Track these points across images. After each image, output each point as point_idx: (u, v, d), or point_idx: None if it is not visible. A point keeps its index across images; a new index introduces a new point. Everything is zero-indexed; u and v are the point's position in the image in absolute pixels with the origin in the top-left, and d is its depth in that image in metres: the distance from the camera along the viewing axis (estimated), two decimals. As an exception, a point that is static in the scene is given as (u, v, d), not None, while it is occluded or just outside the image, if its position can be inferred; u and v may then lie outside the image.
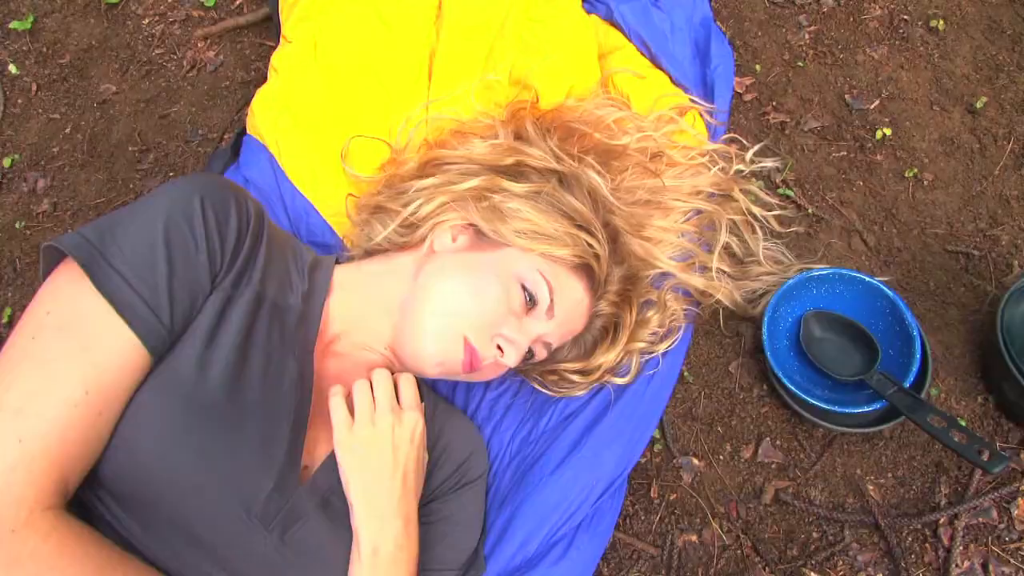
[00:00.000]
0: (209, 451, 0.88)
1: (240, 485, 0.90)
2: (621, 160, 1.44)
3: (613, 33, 1.66)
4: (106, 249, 0.84)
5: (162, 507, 0.86)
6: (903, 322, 1.33)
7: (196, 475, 0.87)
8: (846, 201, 1.56)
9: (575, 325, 1.20)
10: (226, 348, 0.92)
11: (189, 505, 0.87)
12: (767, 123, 1.66)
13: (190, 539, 0.88)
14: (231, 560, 0.91)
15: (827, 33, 1.77)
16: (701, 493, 1.33)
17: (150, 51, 1.93)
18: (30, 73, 1.93)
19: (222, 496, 0.89)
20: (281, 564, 0.93)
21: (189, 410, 0.87)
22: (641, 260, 1.37)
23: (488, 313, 1.07)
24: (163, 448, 0.85)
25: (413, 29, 1.61)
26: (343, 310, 1.13)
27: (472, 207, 1.17)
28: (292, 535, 0.94)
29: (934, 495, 1.29)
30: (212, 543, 0.89)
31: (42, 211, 1.74)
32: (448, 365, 1.08)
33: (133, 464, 0.84)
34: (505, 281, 1.10)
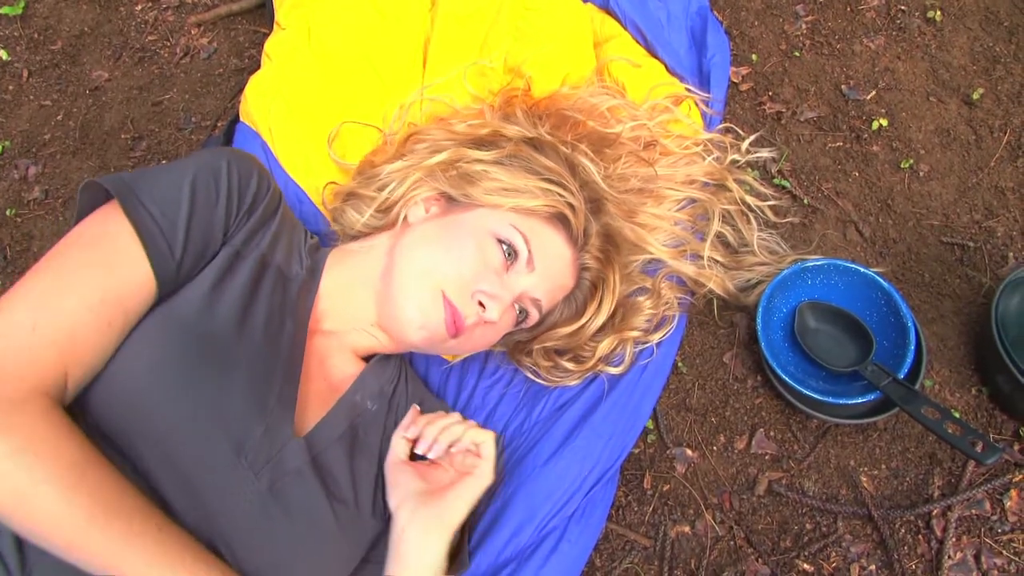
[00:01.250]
0: (201, 383, 0.91)
1: (230, 423, 0.92)
2: (614, 148, 1.43)
3: (609, 21, 1.65)
4: (138, 188, 0.92)
5: (149, 444, 0.88)
6: (898, 313, 1.33)
7: (186, 405, 0.90)
8: (842, 192, 1.56)
9: (562, 280, 1.19)
10: (230, 295, 0.99)
11: (177, 438, 0.89)
12: (763, 113, 1.65)
13: (176, 482, 0.89)
14: (214, 509, 0.90)
15: (824, 23, 1.76)
16: (694, 484, 1.33)
17: (143, 38, 1.92)
18: (21, 59, 1.91)
19: (211, 431, 0.91)
20: (264, 520, 0.93)
21: (185, 343, 0.92)
22: (633, 245, 1.37)
23: (465, 270, 1.07)
24: (155, 376, 0.89)
25: (407, 16, 1.61)
26: (331, 289, 1.15)
27: (441, 177, 1.19)
28: (282, 487, 0.95)
29: (927, 487, 1.29)
30: (198, 486, 0.90)
31: (33, 198, 1.73)
32: (431, 328, 1.06)
33: (124, 391, 0.88)
34: (479, 238, 1.10)
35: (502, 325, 1.14)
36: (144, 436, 0.88)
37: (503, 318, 1.12)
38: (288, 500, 0.95)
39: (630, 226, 1.36)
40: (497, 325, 1.13)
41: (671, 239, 1.43)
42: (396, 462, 1.08)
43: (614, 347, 1.30)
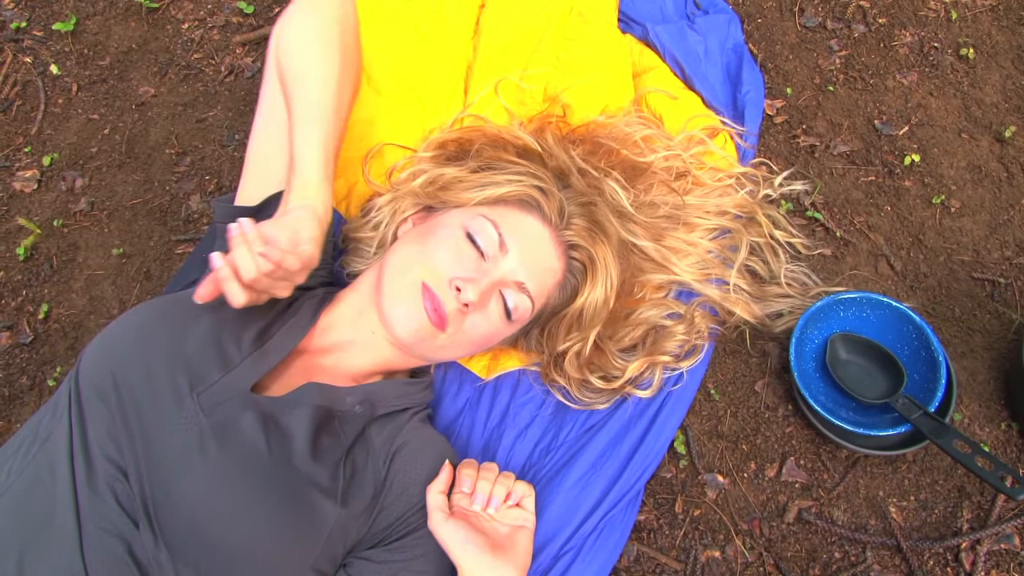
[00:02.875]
0: (166, 324, 1.07)
1: (189, 362, 1.03)
2: (646, 177, 1.46)
3: (648, 53, 1.69)
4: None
5: (114, 381, 1.00)
6: (929, 347, 1.35)
7: (151, 342, 1.04)
8: (874, 225, 1.58)
9: (545, 260, 1.21)
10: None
11: (135, 367, 1.01)
12: (797, 146, 1.68)
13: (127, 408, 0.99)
14: (153, 434, 0.98)
15: (857, 58, 1.79)
16: (725, 510, 1.35)
17: (189, 55, 1.97)
18: (71, 74, 1.96)
19: (169, 363, 1.02)
20: (198, 453, 0.98)
21: (162, 302, 1.12)
22: (657, 264, 1.39)
23: (440, 262, 1.13)
24: (130, 324, 1.07)
25: (450, 43, 1.65)
26: (340, 303, 1.23)
27: (422, 193, 1.28)
28: (225, 428, 1.00)
29: (956, 520, 1.31)
30: (144, 411, 0.99)
31: (79, 210, 1.77)
32: (419, 322, 1.11)
33: (105, 340, 1.05)
34: (452, 232, 1.16)
35: (493, 315, 1.17)
36: (111, 373, 1.00)
37: (491, 307, 1.16)
38: (227, 440, 0.99)
39: (655, 246, 1.39)
40: (487, 312, 1.16)
41: (698, 264, 1.45)
42: (444, 517, 1.11)
43: (643, 369, 1.33)
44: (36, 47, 2.00)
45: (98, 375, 1.01)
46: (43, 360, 1.61)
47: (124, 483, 0.96)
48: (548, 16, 1.62)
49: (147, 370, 1.01)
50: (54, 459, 0.98)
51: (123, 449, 0.97)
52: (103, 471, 0.96)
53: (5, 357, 1.62)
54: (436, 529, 1.10)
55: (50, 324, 1.65)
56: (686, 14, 1.76)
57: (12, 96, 1.94)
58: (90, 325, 1.64)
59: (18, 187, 1.81)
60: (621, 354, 1.34)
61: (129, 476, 0.96)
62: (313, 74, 1.15)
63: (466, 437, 1.35)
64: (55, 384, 1.57)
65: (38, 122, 1.89)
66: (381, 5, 1.63)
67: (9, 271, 1.71)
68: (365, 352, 1.20)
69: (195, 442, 0.98)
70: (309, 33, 1.17)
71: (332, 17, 1.20)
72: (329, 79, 1.15)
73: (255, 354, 1.08)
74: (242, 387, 1.04)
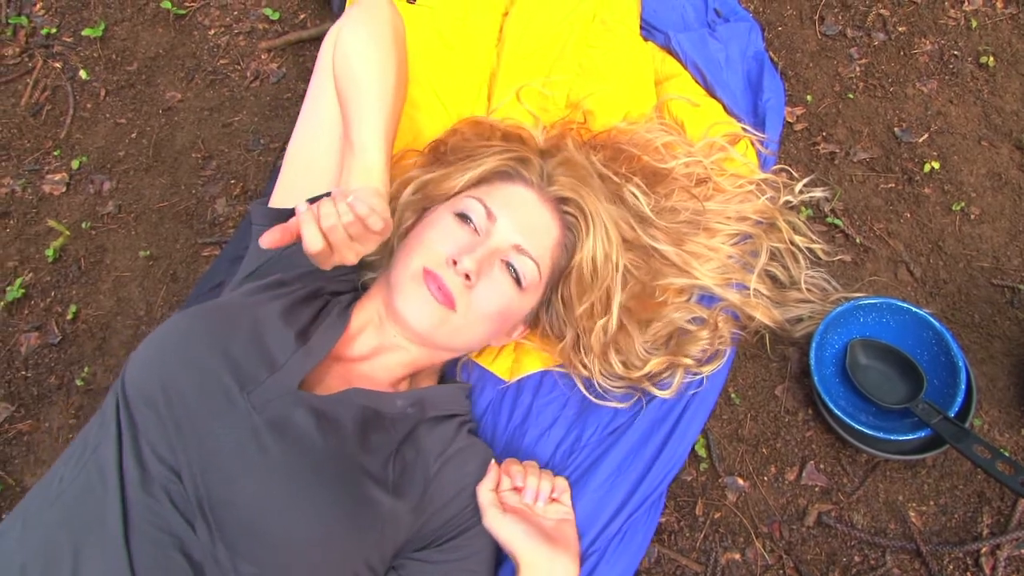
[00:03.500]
0: (211, 328, 1.08)
1: (236, 364, 1.04)
2: (666, 183, 1.48)
3: (669, 60, 1.70)
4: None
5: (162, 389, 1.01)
6: (949, 353, 1.36)
7: (196, 346, 1.05)
8: (893, 232, 1.60)
9: (537, 219, 1.23)
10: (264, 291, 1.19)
11: (184, 375, 1.02)
12: (817, 153, 1.70)
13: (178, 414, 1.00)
14: (206, 432, 0.99)
15: (877, 66, 1.80)
16: (745, 512, 1.37)
17: (215, 61, 2.00)
18: (99, 79, 2.00)
19: (216, 366, 1.03)
20: (256, 449, 0.99)
21: (202, 309, 1.13)
22: (678, 269, 1.41)
23: (437, 247, 1.16)
24: (172, 330, 1.09)
25: (474, 50, 1.67)
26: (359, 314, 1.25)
27: (414, 200, 1.31)
28: (279, 422, 1.02)
29: (976, 525, 1.32)
30: (196, 411, 1.00)
31: (107, 212, 1.80)
32: (428, 308, 1.13)
33: (149, 349, 1.07)
34: (444, 219, 1.20)
35: (502, 284, 1.18)
36: (160, 380, 1.02)
37: (497, 277, 1.17)
38: (283, 434, 1.01)
39: (676, 251, 1.40)
40: (494, 282, 1.17)
41: (719, 268, 1.47)
42: (500, 513, 1.14)
43: (664, 367, 1.34)
44: (66, 52, 2.03)
45: (146, 384, 1.02)
46: (71, 360, 1.64)
47: (178, 484, 0.98)
48: (571, 24, 1.64)
49: (195, 375, 1.03)
50: (104, 466, 0.99)
51: (176, 452, 0.98)
52: (157, 474, 0.98)
53: (34, 357, 1.64)
54: (493, 525, 1.13)
55: (78, 325, 1.68)
56: (707, 22, 1.77)
57: (42, 100, 1.97)
58: (117, 326, 1.67)
59: (47, 190, 1.84)
60: (645, 346, 1.36)
61: (183, 477, 0.98)
62: (372, 74, 1.21)
63: (489, 437, 1.37)
64: (83, 384, 1.60)
65: (67, 126, 1.93)
66: (406, 12, 1.65)
67: (38, 272, 1.74)
68: (394, 355, 1.22)
69: (251, 439, 0.99)
70: (367, 38, 1.23)
71: (386, 25, 1.26)
72: (387, 80, 1.22)
73: (299, 352, 1.10)
74: (290, 385, 1.06)
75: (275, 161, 1.82)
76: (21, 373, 1.63)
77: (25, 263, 1.75)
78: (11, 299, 1.69)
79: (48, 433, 1.56)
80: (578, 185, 1.26)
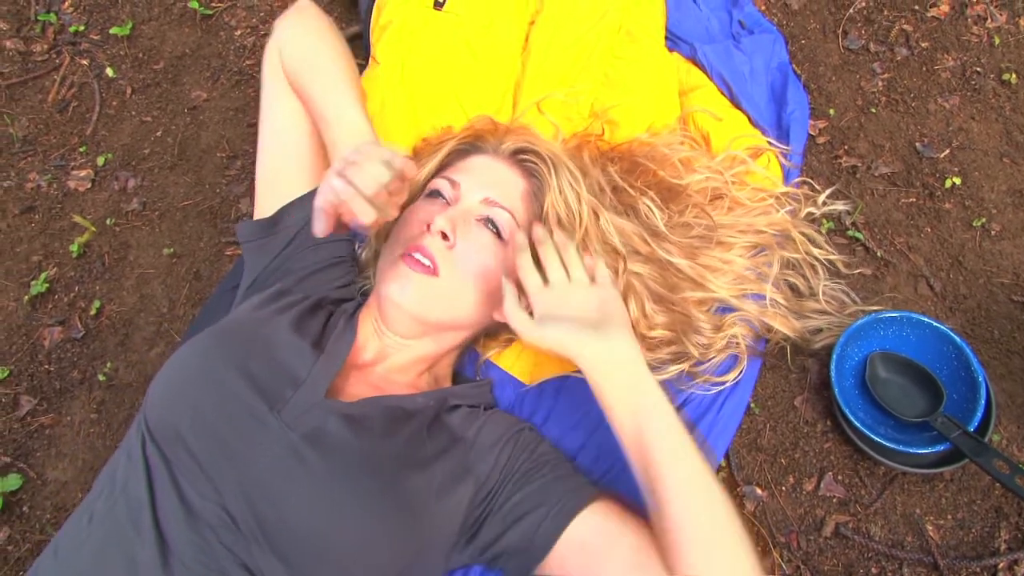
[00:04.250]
0: (230, 353, 1.07)
1: (261, 385, 1.04)
2: (681, 199, 1.48)
3: (694, 72, 1.72)
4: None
5: (189, 419, 1.00)
6: (968, 368, 1.37)
7: (215, 372, 1.04)
8: (914, 246, 1.60)
9: (499, 175, 1.28)
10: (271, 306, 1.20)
11: (209, 401, 1.02)
12: (839, 166, 1.71)
13: (212, 443, 0.99)
14: (247, 459, 0.98)
15: (900, 81, 1.81)
16: (763, 522, 1.37)
17: (241, 62, 2.02)
18: (126, 77, 2.02)
19: (241, 390, 1.02)
20: (297, 464, 0.98)
21: (214, 332, 1.12)
22: (693, 282, 1.41)
23: (413, 228, 1.20)
24: (189, 360, 1.08)
25: (500, 59, 1.68)
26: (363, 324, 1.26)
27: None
28: (314, 434, 1.02)
29: (994, 540, 1.32)
30: (229, 439, 0.99)
31: (131, 209, 1.82)
32: (412, 282, 1.14)
33: (166, 383, 1.06)
34: (416, 205, 1.27)
35: (483, 238, 1.20)
36: (184, 413, 1.01)
37: (475, 232, 1.20)
38: (322, 444, 1.01)
39: (690, 264, 1.41)
40: (473, 238, 1.19)
41: (735, 280, 1.48)
42: (532, 325, 1.13)
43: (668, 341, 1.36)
44: (93, 50, 2.05)
45: (171, 420, 1.01)
46: (94, 355, 1.66)
47: (227, 518, 0.97)
48: (597, 34, 1.66)
49: (220, 403, 1.02)
50: (134, 506, 0.98)
51: (218, 485, 0.97)
52: (203, 510, 0.97)
53: (57, 351, 1.66)
54: (535, 339, 1.11)
55: (101, 320, 1.70)
56: (732, 34, 1.79)
57: (69, 97, 1.99)
58: (140, 322, 1.68)
59: (73, 186, 1.86)
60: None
61: (231, 510, 0.97)
62: (328, 58, 1.29)
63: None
64: (105, 379, 1.61)
65: (93, 123, 1.95)
66: (432, 20, 1.67)
67: (62, 267, 1.76)
68: (401, 354, 1.23)
69: (291, 456, 0.99)
70: (310, 32, 1.33)
71: (320, 19, 1.36)
72: (343, 60, 1.30)
73: (319, 363, 1.11)
74: (318, 395, 1.06)
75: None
76: (44, 367, 1.65)
77: (49, 258, 1.77)
78: (35, 293, 1.71)
79: (70, 427, 1.58)
80: (530, 135, 1.33)
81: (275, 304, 1.20)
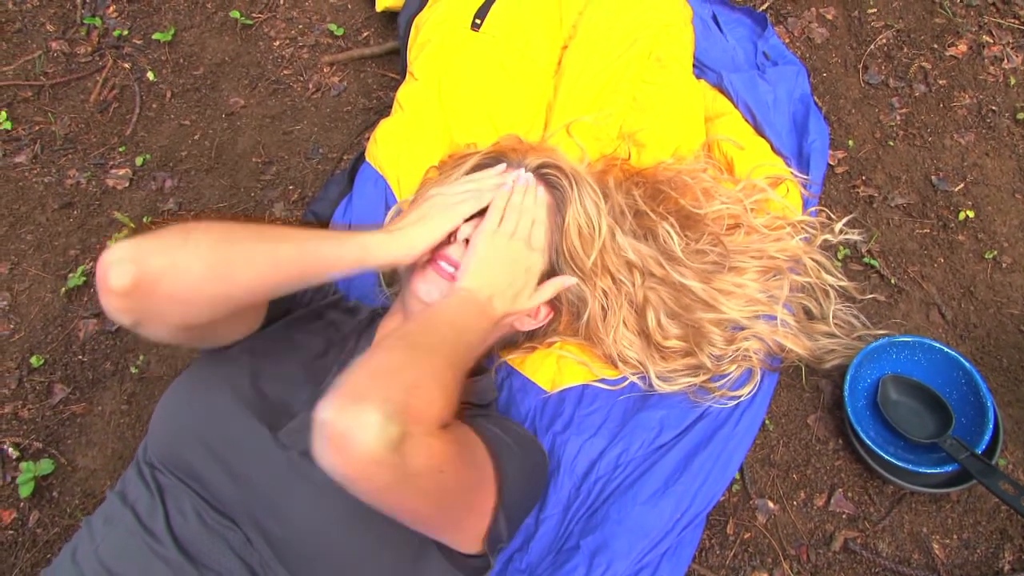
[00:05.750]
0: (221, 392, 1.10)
1: (259, 410, 1.08)
2: (698, 228, 1.53)
3: (720, 99, 1.78)
4: None
5: (194, 446, 1.05)
6: (977, 393, 1.42)
7: (218, 398, 1.09)
8: (927, 275, 1.66)
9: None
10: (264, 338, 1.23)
11: (213, 428, 1.06)
12: (856, 196, 1.77)
13: (218, 467, 1.04)
14: (254, 479, 1.03)
15: (917, 116, 1.87)
16: (774, 534, 1.42)
17: (279, 71, 2.08)
18: (166, 81, 2.08)
19: (240, 414, 1.07)
20: (299, 478, 1.02)
21: (207, 364, 1.16)
22: (706, 304, 1.46)
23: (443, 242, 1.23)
24: (187, 390, 1.13)
25: (532, 80, 1.74)
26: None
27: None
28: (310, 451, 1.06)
29: (998, 560, 1.36)
30: (233, 462, 1.04)
31: (167, 209, 1.88)
32: (436, 284, 1.20)
33: (167, 416, 1.11)
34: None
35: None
36: (189, 442, 1.06)
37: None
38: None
39: (703, 287, 1.46)
40: None
41: (747, 302, 1.52)
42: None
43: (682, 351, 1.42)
44: (135, 54, 2.12)
45: (177, 452, 1.06)
46: (126, 348, 1.70)
47: (239, 533, 1.02)
48: (628, 59, 1.71)
49: (223, 432, 1.06)
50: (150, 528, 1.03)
51: (228, 506, 1.03)
52: (217, 523, 1.02)
53: (91, 343, 1.71)
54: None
55: (135, 314, 1.74)
56: (756, 64, 1.85)
57: (110, 99, 2.05)
58: (172, 318, 1.73)
59: (111, 184, 1.91)
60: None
61: (247, 533, 1.02)
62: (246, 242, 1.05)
63: (530, 442, 1.42)
64: (137, 372, 1.66)
65: (133, 124, 2.01)
66: (470, 41, 1.73)
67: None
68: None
69: (290, 469, 1.03)
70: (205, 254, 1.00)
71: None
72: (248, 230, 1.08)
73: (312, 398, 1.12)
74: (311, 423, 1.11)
75: (332, 170, 1.89)
76: (78, 357, 1.69)
77: (86, 252, 1.82)
78: (72, 286, 1.76)
79: (100, 416, 1.62)
80: (553, 154, 1.36)
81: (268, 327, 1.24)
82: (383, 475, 0.80)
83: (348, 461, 0.79)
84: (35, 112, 2.03)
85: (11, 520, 1.51)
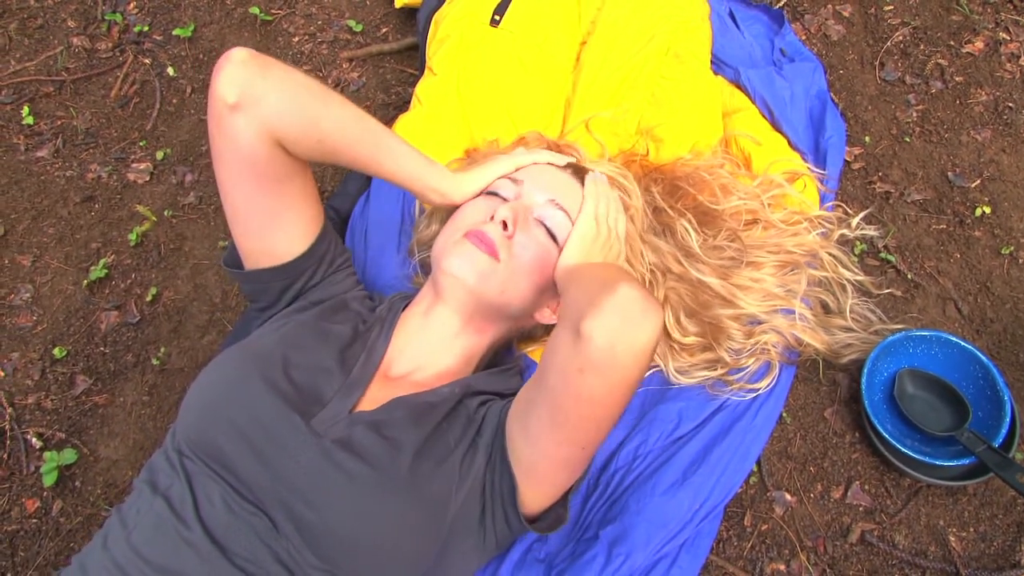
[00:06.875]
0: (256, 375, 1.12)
1: (293, 398, 1.10)
2: (715, 224, 1.55)
3: (737, 95, 1.79)
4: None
5: (225, 432, 1.06)
6: (994, 387, 1.42)
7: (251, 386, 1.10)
8: (943, 271, 1.66)
9: (560, 180, 1.34)
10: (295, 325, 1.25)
11: (245, 415, 1.07)
12: (873, 192, 1.77)
13: (249, 454, 1.05)
14: (283, 467, 1.04)
15: (934, 113, 1.88)
16: (791, 526, 1.43)
17: (298, 67, 2.08)
18: (186, 76, 2.10)
19: (274, 402, 1.09)
20: (332, 467, 1.04)
21: (239, 353, 1.18)
22: (724, 300, 1.48)
23: (474, 218, 1.26)
24: (219, 378, 1.15)
25: (551, 75, 1.75)
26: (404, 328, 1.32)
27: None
28: (346, 439, 1.07)
29: (1015, 553, 1.37)
30: (265, 449, 1.05)
31: (188, 203, 1.90)
32: (475, 259, 1.20)
33: (199, 403, 1.12)
34: (475, 201, 1.31)
35: (539, 236, 1.26)
36: (220, 428, 1.07)
37: (534, 230, 1.26)
38: (350, 447, 1.06)
39: (721, 283, 1.47)
40: (531, 234, 1.25)
41: (765, 297, 1.53)
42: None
43: (700, 345, 1.45)
44: (155, 50, 2.14)
45: (209, 439, 1.07)
46: (148, 340, 1.72)
47: (265, 519, 1.04)
48: (646, 55, 1.73)
49: (254, 418, 1.07)
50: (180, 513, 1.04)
51: (257, 492, 1.04)
52: (243, 510, 1.04)
53: (113, 334, 1.73)
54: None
55: (157, 307, 1.76)
56: (773, 60, 1.86)
57: (131, 94, 2.07)
58: (193, 311, 1.75)
59: (132, 178, 1.93)
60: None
61: (275, 520, 1.04)
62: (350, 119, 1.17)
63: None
64: (158, 364, 1.68)
65: (153, 119, 2.03)
66: (488, 36, 1.74)
67: (120, 255, 1.83)
68: (443, 352, 1.28)
69: (324, 459, 1.05)
70: (302, 95, 1.11)
71: (296, 75, 1.12)
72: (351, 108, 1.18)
73: (343, 387, 1.17)
74: (342, 412, 1.13)
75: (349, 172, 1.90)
76: (100, 349, 1.71)
77: (108, 245, 1.84)
78: (94, 278, 1.78)
79: (122, 408, 1.64)
80: (577, 152, 1.43)
81: (298, 316, 1.27)
82: (643, 367, 0.93)
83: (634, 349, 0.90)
84: (57, 107, 2.05)
85: (35, 509, 1.53)
